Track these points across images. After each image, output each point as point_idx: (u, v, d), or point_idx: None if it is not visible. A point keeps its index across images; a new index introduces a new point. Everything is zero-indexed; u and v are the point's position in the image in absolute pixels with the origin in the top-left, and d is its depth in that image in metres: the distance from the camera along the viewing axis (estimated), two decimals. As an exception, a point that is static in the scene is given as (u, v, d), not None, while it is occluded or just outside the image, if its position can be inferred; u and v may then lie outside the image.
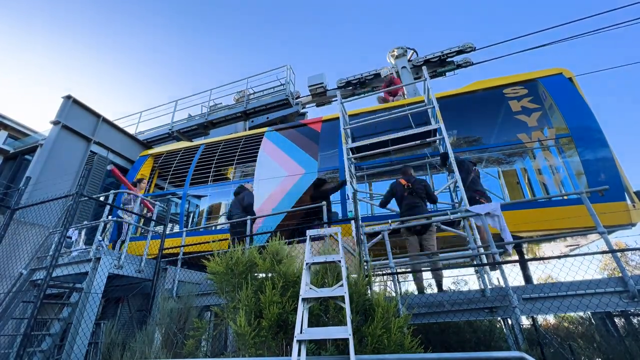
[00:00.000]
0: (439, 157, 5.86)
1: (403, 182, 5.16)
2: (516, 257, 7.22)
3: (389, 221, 5.01)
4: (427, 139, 5.56)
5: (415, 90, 9.76)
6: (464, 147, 6.99)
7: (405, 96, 10.12)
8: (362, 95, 11.38)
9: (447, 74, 10.26)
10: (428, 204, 5.09)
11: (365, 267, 3.58)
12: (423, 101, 6.65)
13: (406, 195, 4.99)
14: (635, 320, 4.92)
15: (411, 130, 5.52)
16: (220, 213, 10.53)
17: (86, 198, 4.59)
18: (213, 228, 7.87)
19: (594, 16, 8.08)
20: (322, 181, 6.33)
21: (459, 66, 10.09)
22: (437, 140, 5.59)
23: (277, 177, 7.39)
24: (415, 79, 10.31)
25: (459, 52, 9.92)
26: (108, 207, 5.60)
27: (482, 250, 4.24)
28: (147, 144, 11.21)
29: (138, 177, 6.94)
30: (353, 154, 5.98)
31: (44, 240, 5.78)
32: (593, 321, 5.33)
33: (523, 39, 9.70)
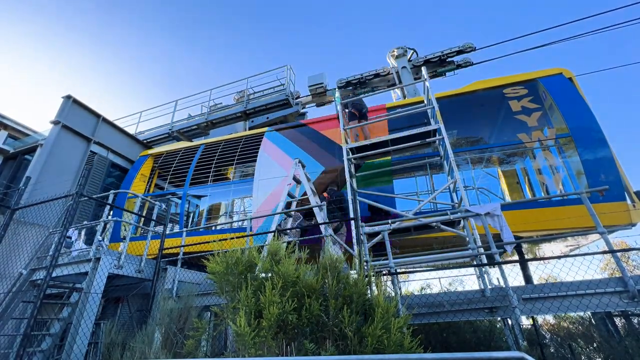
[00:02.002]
0: (439, 157, 5.85)
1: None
2: (516, 257, 7.23)
3: (389, 221, 5.01)
4: (427, 139, 5.55)
5: (415, 91, 9.76)
6: (464, 147, 6.99)
7: (406, 96, 10.13)
8: (363, 95, 11.37)
9: (447, 74, 10.26)
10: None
11: (365, 267, 3.58)
12: (423, 101, 6.64)
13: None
14: (635, 321, 4.92)
15: (411, 131, 5.51)
16: (221, 213, 10.54)
17: (86, 198, 4.59)
18: (213, 228, 7.87)
19: (594, 16, 8.08)
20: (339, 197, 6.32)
21: (459, 66, 10.09)
22: (437, 141, 5.59)
23: (277, 177, 7.39)
24: (415, 79, 10.31)
25: (459, 52, 9.92)
26: (108, 207, 5.60)
27: (481, 250, 4.24)
28: (147, 144, 11.21)
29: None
30: (353, 154, 5.97)
31: (44, 240, 5.78)
32: (593, 321, 5.32)
33: (523, 39, 9.71)
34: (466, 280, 10.87)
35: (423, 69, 6.26)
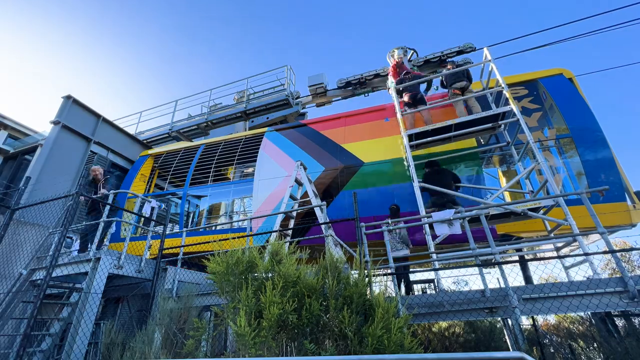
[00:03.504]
0: (506, 144, 5.76)
1: None
2: (516, 257, 7.22)
3: (390, 221, 5.01)
4: (500, 122, 5.41)
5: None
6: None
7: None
8: (364, 95, 11.39)
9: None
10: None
11: (366, 267, 3.58)
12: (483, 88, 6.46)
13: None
14: (635, 321, 4.92)
15: (478, 114, 5.41)
16: (221, 213, 10.54)
17: (86, 198, 4.59)
18: (213, 228, 7.87)
19: (594, 16, 8.09)
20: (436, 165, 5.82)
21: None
22: (503, 125, 5.51)
23: (277, 177, 7.39)
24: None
25: (459, 53, 9.91)
26: (108, 207, 5.58)
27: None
28: (147, 144, 11.20)
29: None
30: (411, 140, 5.86)
31: (44, 240, 5.77)
32: (593, 321, 5.33)
33: (523, 39, 9.71)
34: (469, 280, 10.87)
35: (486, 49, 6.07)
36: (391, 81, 6.76)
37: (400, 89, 6.39)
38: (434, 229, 4.18)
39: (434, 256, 4.38)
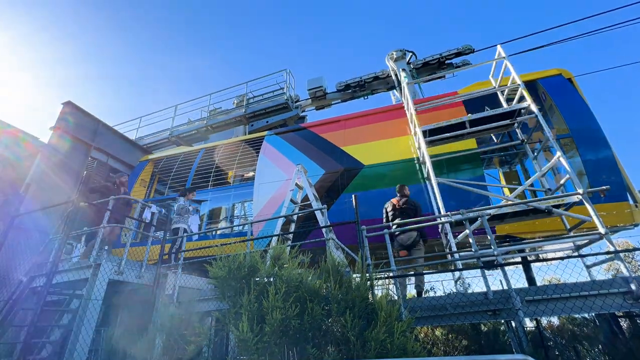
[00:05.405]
0: (520, 142, 5.72)
1: (395, 201, 5.29)
2: (519, 259, 7.19)
3: (390, 224, 4.98)
4: (518, 118, 5.34)
5: (415, 93, 9.76)
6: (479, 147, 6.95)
7: (409, 100, 10.10)
8: (364, 98, 11.42)
9: (446, 75, 10.27)
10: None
11: (368, 271, 3.55)
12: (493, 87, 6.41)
13: (397, 215, 5.09)
14: None
15: (495, 111, 5.35)
16: (221, 217, 10.51)
17: (86, 204, 4.58)
18: (213, 233, 7.85)
19: (594, 16, 8.10)
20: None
21: (457, 67, 10.10)
22: (516, 123, 5.45)
23: (277, 180, 7.38)
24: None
25: (458, 54, 9.94)
26: (108, 212, 5.56)
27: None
28: (147, 149, 11.20)
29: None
30: (426, 137, 5.76)
31: (44, 247, 5.75)
32: (597, 322, 5.29)
33: (522, 40, 9.73)
34: (471, 282, 10.79)
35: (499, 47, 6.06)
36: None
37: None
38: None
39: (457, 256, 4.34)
